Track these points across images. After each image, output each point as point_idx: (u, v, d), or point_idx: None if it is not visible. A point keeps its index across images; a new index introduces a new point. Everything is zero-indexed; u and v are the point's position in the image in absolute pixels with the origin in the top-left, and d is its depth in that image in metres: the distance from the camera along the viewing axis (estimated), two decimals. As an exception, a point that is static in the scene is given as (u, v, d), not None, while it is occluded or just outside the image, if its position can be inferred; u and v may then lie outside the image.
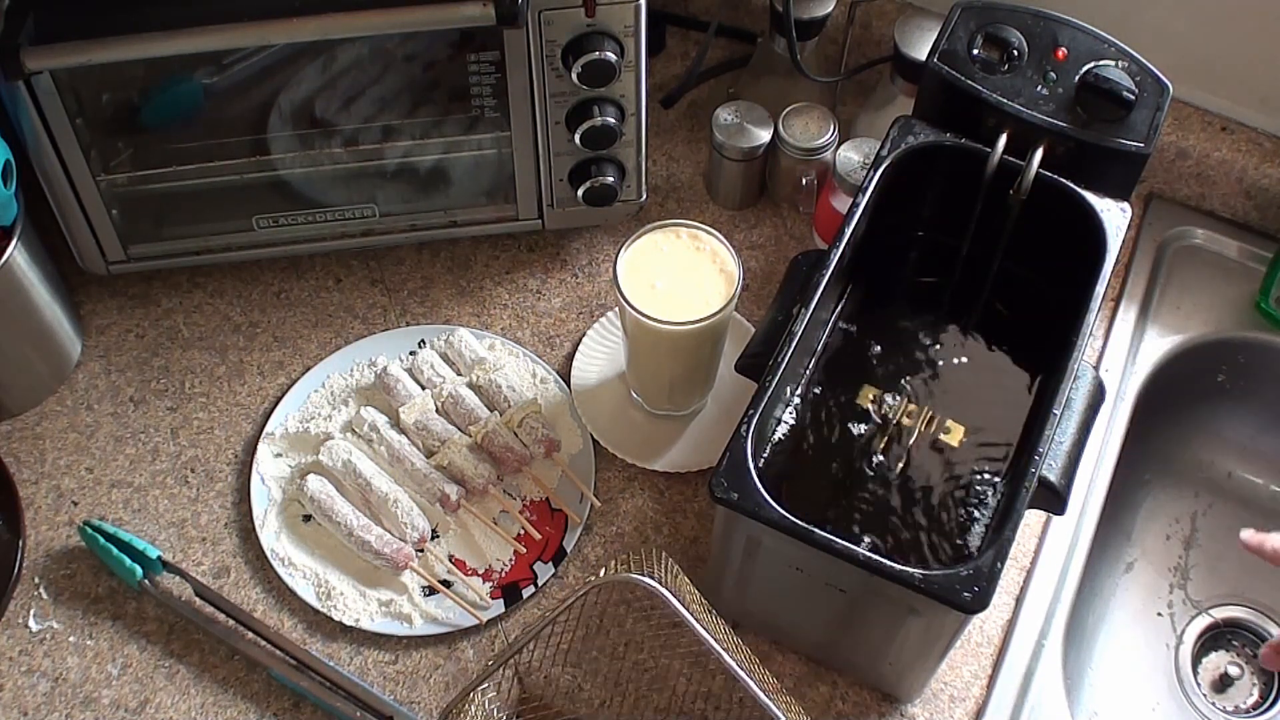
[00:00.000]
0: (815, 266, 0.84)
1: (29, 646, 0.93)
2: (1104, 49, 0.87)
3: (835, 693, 0.91)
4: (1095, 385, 0.83)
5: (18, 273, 0.97)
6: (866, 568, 0.72)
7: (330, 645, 0.93)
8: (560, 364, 1.06)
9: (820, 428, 0.85)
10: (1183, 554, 1.14)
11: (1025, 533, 0.97)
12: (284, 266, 1.12)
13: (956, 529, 0.80)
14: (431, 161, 1.05)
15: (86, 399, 1.05)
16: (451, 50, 0.97)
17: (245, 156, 1.02)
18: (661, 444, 1.01)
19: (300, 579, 0.94)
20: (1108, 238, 0.83)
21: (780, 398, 0.81)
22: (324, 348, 1.07)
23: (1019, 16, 0.88)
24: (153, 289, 1.11)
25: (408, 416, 1.00)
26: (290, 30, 0.88)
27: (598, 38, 0.92)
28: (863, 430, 0.84)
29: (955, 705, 0.91)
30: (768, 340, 0.82)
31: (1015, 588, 0.95)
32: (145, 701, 0.91)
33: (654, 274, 0.92)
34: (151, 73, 0.96)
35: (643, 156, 1.03)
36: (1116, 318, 1.09)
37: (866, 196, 0.85)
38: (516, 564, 0.95)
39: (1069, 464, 0.79)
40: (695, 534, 0.98)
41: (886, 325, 0.89)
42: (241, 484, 1.00)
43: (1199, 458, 1.17)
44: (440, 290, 1.11)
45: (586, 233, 1.14)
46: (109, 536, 0.94)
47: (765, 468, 0.83)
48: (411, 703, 0.91)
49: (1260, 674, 1.10)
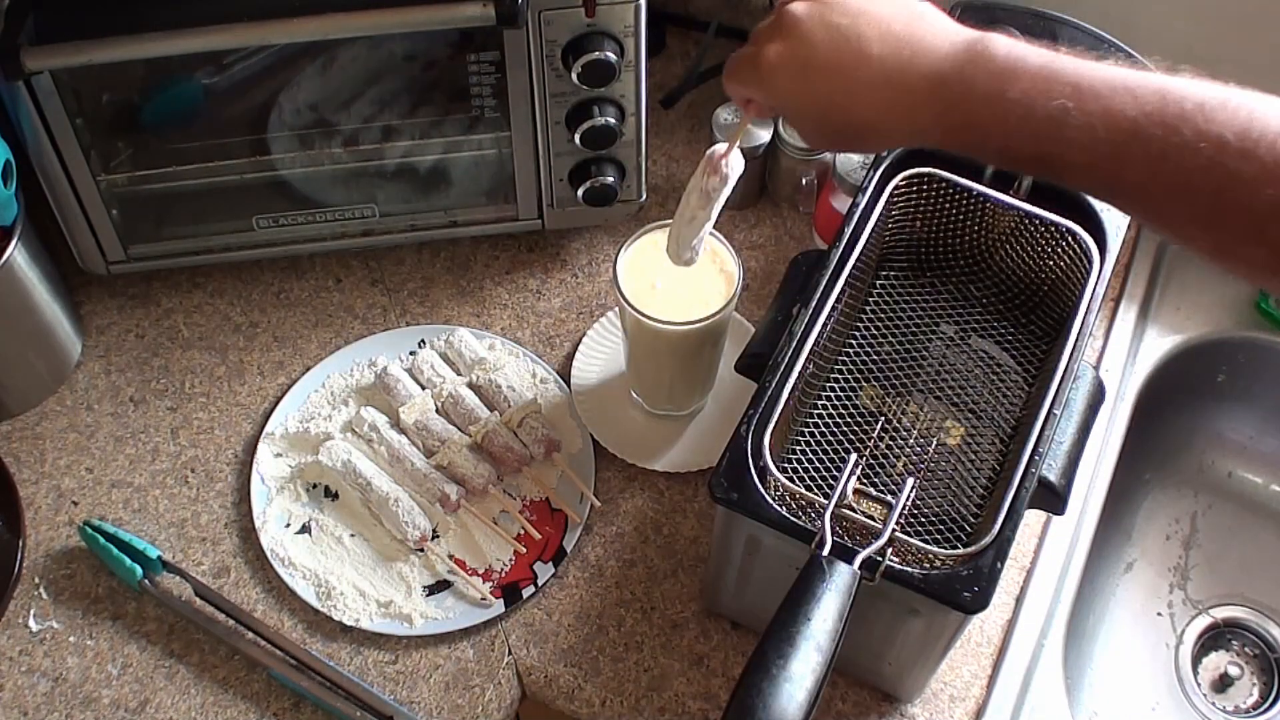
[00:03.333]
0: (815, 266, 0.84)
1: (29, 646, 0.93)
2: (1104, 49, 0.87)
3: (835, 693, 0.91)
4: (1095, 385, 0.83)
5: (18, 273, 0.97)
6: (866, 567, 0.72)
7: (330, 645, 0.93)
8: (560, 364, 1.06)
9: (820, 428, 0.85)
10: (1183, 554, 1.14)
11: (1025, 533, 0.97)
12: (284, 266, 1.12)
13: (956, 529, 0.80)
14: (431, 161, 1.05)
15: (86, 399, 1.05)
16: (451, 50, 0.97)
17: (245, 156, 1.02)
18: (661, 444, 1.01)
19: (300, 579, 0.94)
20: (1108, 237, 0.83)
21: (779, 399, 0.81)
22: (324, 348, 1.07)
23: (1019, 16, 0.88)
24: (153, 289, 1.11)
25: (408, 416, 1.00)
26: (290, 30, 0.88)
27: (598, 38, 0.92)
28: (863, 430, 0.84)
29: (955, 705, 0.91)
30: (768, 340, 0.82)
31: (1015, 588, 0.95)
32: (145, 701, 0.91)
33: (654, 274, 0.92)
34: (151, 73, 0.96)
35: (643, 156, 1.03)
36: (1116, 318, 1.09)
37: (866, 197, 0.85)
38: (516, 564, 0.95)
39: (1069, 464, 0.79)
40: (695, 534, 0.98)
41: (886, 325, 0.89)
42: (241, 484, 1.00)
43: (1199, 458, 1.17)
44: (440, 290, 1.11)
45: (586, 233, 1.14)
46: (109, 536, 0.94)
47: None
48: (411, 703, 0.91)
49: (1260, 674, 1.10)
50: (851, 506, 0.75)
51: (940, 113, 0.64)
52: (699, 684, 0.91)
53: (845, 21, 0.66)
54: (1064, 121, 0.60)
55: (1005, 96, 0.61)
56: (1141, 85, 0.59)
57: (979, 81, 0.62)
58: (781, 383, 0.78)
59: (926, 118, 0.64)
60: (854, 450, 0.80)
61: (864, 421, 0.84)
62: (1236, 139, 0.56)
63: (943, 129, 0.64)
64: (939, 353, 0.88)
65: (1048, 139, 0.61)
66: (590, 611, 0.94)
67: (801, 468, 0.82)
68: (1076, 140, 0.60)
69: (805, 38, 0.67)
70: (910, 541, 0.73)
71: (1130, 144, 0.59)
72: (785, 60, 0.68)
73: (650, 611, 0.94)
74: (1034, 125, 0.61)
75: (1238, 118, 0.57)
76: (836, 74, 0.66)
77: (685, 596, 0.95)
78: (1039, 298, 0.88)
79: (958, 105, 0.63)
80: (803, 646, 0.66)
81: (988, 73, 0.62)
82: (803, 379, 0.80)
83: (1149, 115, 0.58)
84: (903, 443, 0.84)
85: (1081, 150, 0.60)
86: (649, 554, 0.97)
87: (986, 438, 0.85)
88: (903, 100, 0.65)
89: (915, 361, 0.88)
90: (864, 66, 0.65)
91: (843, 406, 0.85)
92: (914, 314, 0.90)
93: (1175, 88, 0.59)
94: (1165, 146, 0.58)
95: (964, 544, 0.77)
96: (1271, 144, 0.56)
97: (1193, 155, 0.57)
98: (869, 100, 0.66)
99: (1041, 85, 0.61)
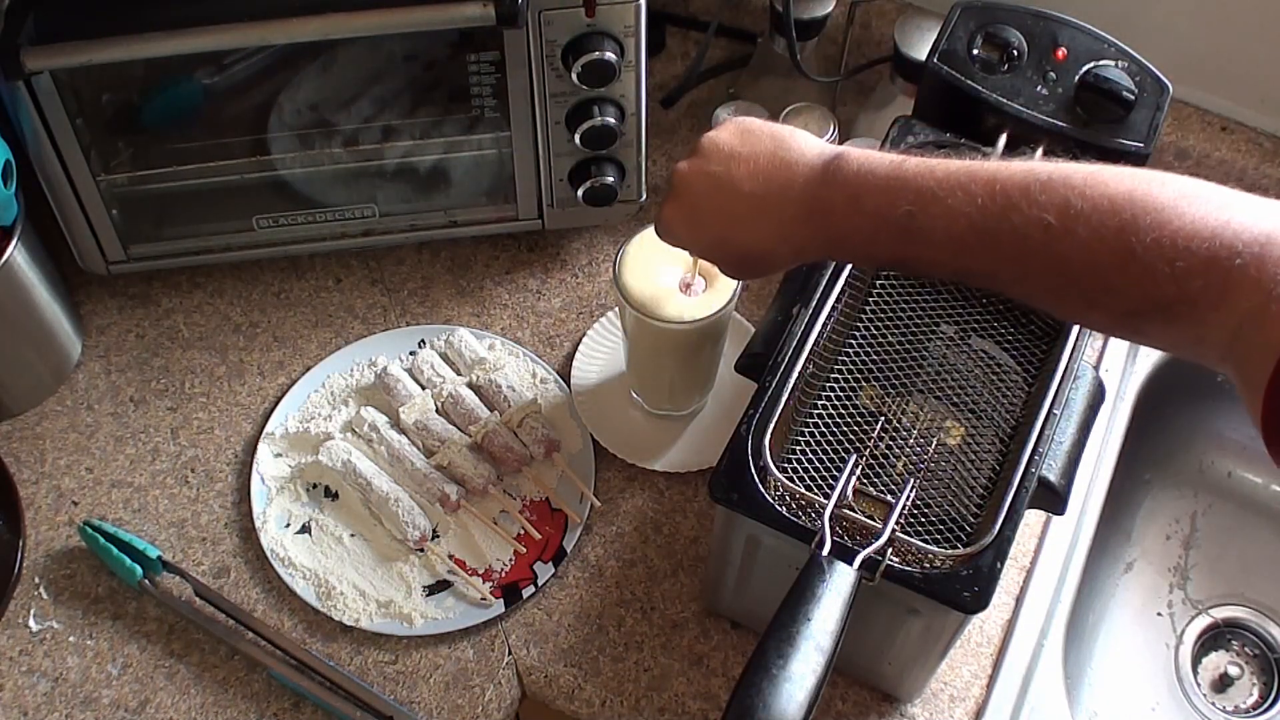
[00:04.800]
0: (815, 266, 0.84)
1: (29, 646, 0.93)
2: (1104, 49, 0.87)
3: (835, 693, 0.91)
4: (1095, 385, 0.83)
5: (18, 273, 0.97)
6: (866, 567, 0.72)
7: (330, 645, 0.93)
8: (560, 364, 1.06)
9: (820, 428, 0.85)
10: (1183, 554, 1.14)
11: (1025, 533, 0.97)
12: (284, 266, 1.12)
13: (956, 529, 0.80)
14: (431, 161, 1.05)
15: (86, 399, 1.05)
16: (451, 50, 0.97)
17: (245, 156, 1.02)
18: (661, 444, 1.01)
19: (300, 579, 0.94)
20: (1108, 238, 0.83)
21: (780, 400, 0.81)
22: (324, 348, 1.07)
23: (1019, 16, 0.88)
24: (153, 289, 1.11)
25: (408, 416, 1.00)
26: (290, 30, 0.89)
27: (598, 38, 0.92)
28: (863, 430, 0.84)
29: (955, 705, 0.91)
30: (768, 340, 0.82)
31: (1015, 588, 0.95)
32: (145, 701, 0.91)
33: (654, 274, 0.92)
34: (151, 73, 0.97)
35: (643, 156, 1.03)
36: (1116, 318, 1.09)
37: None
38: (516, 564, 0.95)
39: (1069, 464, 0.79)
40: (695, 534, 0.98)
41: (886, 325, 0.88)
42: (241, 484, 1.00)
43: (1199, 458, 1.17)
44: (440, 290, 1.11)
45: (586, 233, 1.14)
46: (109, 536, 0.94)
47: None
48: (411, 703, 0.91)
49: (1260, 674, 1.10)
50: (851, 506, 0.75)
51: (812, 231, 0.71)
52: (699, 684, 0.91)
53: (719, 169, 0.73)
54: (910, 226, 0.66)
55: (859, 211, 0.68)
56: (974, 180, 0.64)
57: (836, 202, 0.68)
58: (781, 383, 0.78)
59: (801, 237, 0.71)
60: (854, 450, 0.80)
61: (864, 421, 0.84)
62: (1058, 220, 0.61)
63: (817, 244, 0.72)
64: (939, 353, 0.88)
65: (901, 243, 0.67)
66: (590, 611, 0.94)
67: (801, 468, 0.82)
68: (924, 240, 0.66)
69: (688, 190, 0.75)
70: (910, 541, 0.73)
71: (968, 237, 0.64)
72: (678, 214, 0.76)
73: (650, 611, 0.94)
74: (887, 232, 0.67)
75: (1058, 198, 0.61)
76: (720, 216, 0.74)
77: (685, 596, 0.95)
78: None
79: (823, 224, 0.70)
80: (803, 646, 0.66)
81: (842, 192, 0.68)
82: (803, 379, 0.80)
83: (982, 209, 0.63)
84: (903, 443, 0.84)
85: (931, 248, 0.66)
86: (649, 554, 0.97)
87: (986, 438, 0.85)
88: (778, 227, 0.72)
89: (915, 361, 0.88)
90: (740, 204, 0.72)
91: (843, 406, 0.85)
92: (914, 314, 0.89)
93: (1004, 176, 0.63)
94: (999, 235, 0.63)
95: (964, 544, 0.77)
96: (1088, 219, 0.60)
97: (1024, 241, 0.62)
98: (751, 232, 0.73)
99: (889, 196, 0.66)
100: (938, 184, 0.65)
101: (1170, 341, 0.63)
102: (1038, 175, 0.62)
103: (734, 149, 0.73)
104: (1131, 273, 0.59)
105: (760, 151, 0.72)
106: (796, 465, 0.82)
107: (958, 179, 0.64)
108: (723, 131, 0.75)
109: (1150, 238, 0.58)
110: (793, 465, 0.82)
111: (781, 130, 0.74)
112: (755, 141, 0.73)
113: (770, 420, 0.76)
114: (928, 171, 0.66)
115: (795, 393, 0.79)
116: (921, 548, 0.73)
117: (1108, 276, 0.60)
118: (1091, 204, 0.60)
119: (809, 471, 0.81)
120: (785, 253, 0.73)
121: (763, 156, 0.72)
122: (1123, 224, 0.59)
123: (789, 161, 0.71)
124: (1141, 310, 0.61)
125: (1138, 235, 0.59)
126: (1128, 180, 0.61)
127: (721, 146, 0.74)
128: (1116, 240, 0.59)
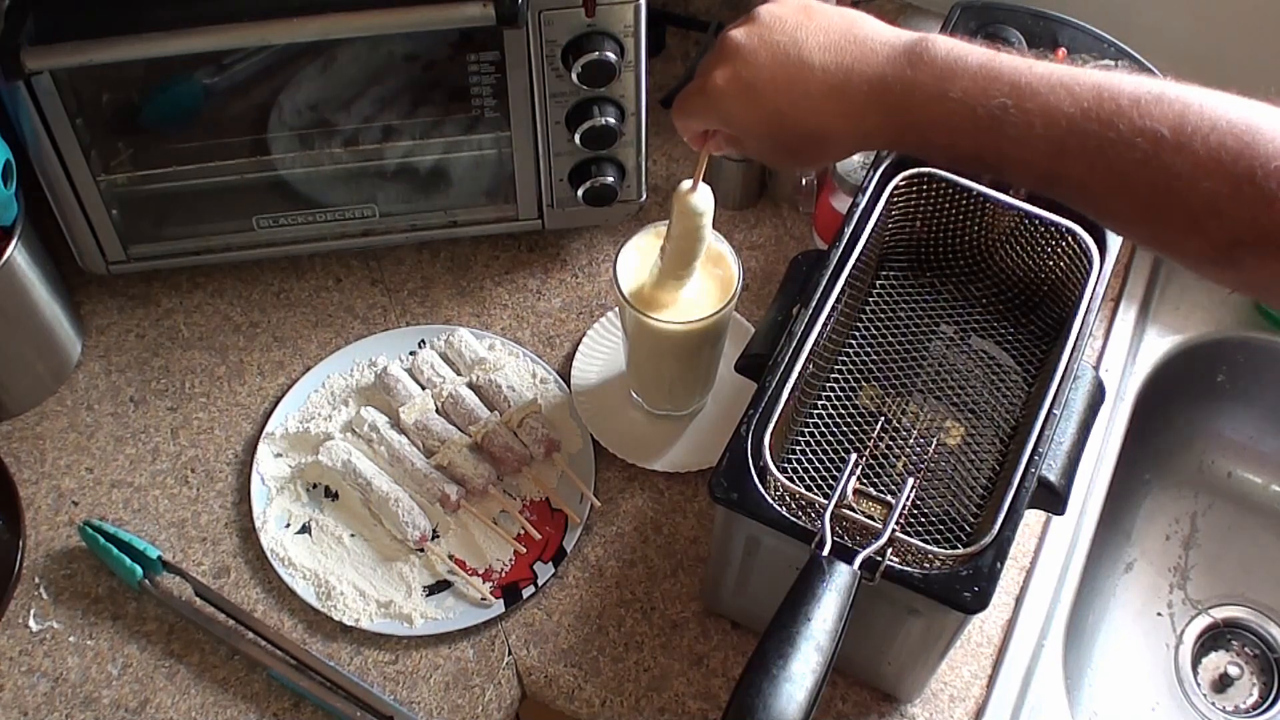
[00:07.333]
0: (815, 266, 0.84)
1: (29, 646, 0.93)
2: (1104, 49, 0.87)
3: (835, 693, 0.91)
4: (1095, 385, 0.83)
5: (18, 273, 0.97)
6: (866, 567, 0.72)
7: (330, 645, 0.93)
8: (560, 364, 1.06)
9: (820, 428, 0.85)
10: (1183, 554, 1.14)
11: (1025, 533, 0.97)
12: (284, 266, 1.12)
13: (956, 529, 0.80)
14: (431, 161, 1.05)
15: (86, 399, 1.05)
16: (451, 50, 0.97)
17: (245, 156, 1.02)
18: (661, 444, 1.01)
19: (300, 579, 0.94)
20: (1107, 237, 0.83)
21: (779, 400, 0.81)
22: (324, 348, 1.07)
23: (1019, 16, 0.88)
24: (153, 289, 1.11)
25: (408, 416, 1.00)
26: (290, 30, 0.89)
27: (598, 38, 0.92)
28: (863, 430, 0.84)
29: (955, 705, 0.91)
30: (768, 340, 0.82)
31: (1015, 588, 0.95)
32: (145, 701, 0.91)
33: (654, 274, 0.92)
34: (151, 73, 0.97)
35: (643, 156, 1.03)
36: (1116, 318, 1.09)
37: (866, 197, 0.85)
38: (516, 564, 0.95)
39: (1069, 464, 0.79)
40: (695, 534, 0.98)
41: (886, 325, 0.89)
42: (241, 484, 1.00)
43: (1199, 458, 1.17)
44: (440, 290, 1.11)
45: (586, 233, 1.14)
46: (109, 536, 0.95)
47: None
48: (411, 703, 0.91)
49: (1260, 674, 1.10)
50: (851, 506, 0.75)
51: (885, 115, 0.65)
52: (699, 684, 0.91)
53: (784, 38, 0.68)
54: (1003, 119, 0.61)
55: (947, 96, 0.63)
56: (1078, 82, 0.60)
57: (921, 83, 0.64)
58: (781, 383, 0.78)
59: (872, 121, 0.66)
60: (854, 450, 0.80)
61: (864, 421, 0.84)
62: (1172, 133, 0.58)
63: (889, 131, 0.66)
64: (939, 353, 0.88)
65: (989, 136, 0.62)
66: (590, 611, 0.94)
67: (801, 468, 0.82)
68: (1016, 137, 0.61)
69: (748, 59, 0.69)
70: (910, 541, 0.73)
71: (1067, 140, 0.60)
72: (731, 84, 0.69)
73: (650, 611, 0.94)
74: (975, 123, 0.62)
75: (1172, 111, 0.58)
76: (782, 89, 0.68)
77: (685, 596, 0.95)
78: (1039, 298, 0.88)
79: (901, 107, 0.65)
80: (803, 646, 0.66)
81: (929, 74, 0.64)
82: (803, 379, 0.80)
83: (1085, 111, 0.59)
84: (903, 443, 0.84)
85: (1021, 147, 0.61)
86: (649, 554, 0.97)
87: (986, 438, 0.85)
88: (848, 106, 0.66)
89: (915, 361, 0.88)
90: (807, 78, 0.67)
91: (843, 406, 0.85)
92: (914, 314, 0.90)
93: (1112, 84, 0.60)
94: (1101, 142, 0.59)
95: (964, 544, 0.77)
96: (1205, 137, 0.57)
97: (1129, 150, 0.59)
98: (816, 110, 0.67)
99: (981, 84, 0.62)
100: (1038, 79, 0.61)
101: (1266, 278, 0.59)
102: (1149, 87, 0.59)
103: (800, 21, 0.68)
104: (1245, 196, 0.56)
105: (832, 24, 0.67)
106: (796, 465, 0.82)
107: (1060, 78, 0.60)
108: (781, 6, 0.69)
109: (1274, 164, 0.56)
110: (793, 465, 0.82)
111: (850, 10, 0.69)
112: (823, 16, 0.68)
113: (770, 420, 0.76)
114: (1026, 67, 0.62)
115: (795, 393, 0.79)
116: (921, 548, 0.73)
117: (1219, 199, 0.57)
118: (1210, 122, 0.57)
119: (809, 471, 0.82)
120: (849, 138, 0.68)
121: (836, 29, 0.67)
122: (1243, 146, 0.57)
123: (864, 37, 0.66)
124: (1246, 240, 0.57)
125: (1259, 159, 0.56)
126: (1244, 105, 0.58)
127: (785, 18, 0.68)
128: (1235, 162, 0.56)
